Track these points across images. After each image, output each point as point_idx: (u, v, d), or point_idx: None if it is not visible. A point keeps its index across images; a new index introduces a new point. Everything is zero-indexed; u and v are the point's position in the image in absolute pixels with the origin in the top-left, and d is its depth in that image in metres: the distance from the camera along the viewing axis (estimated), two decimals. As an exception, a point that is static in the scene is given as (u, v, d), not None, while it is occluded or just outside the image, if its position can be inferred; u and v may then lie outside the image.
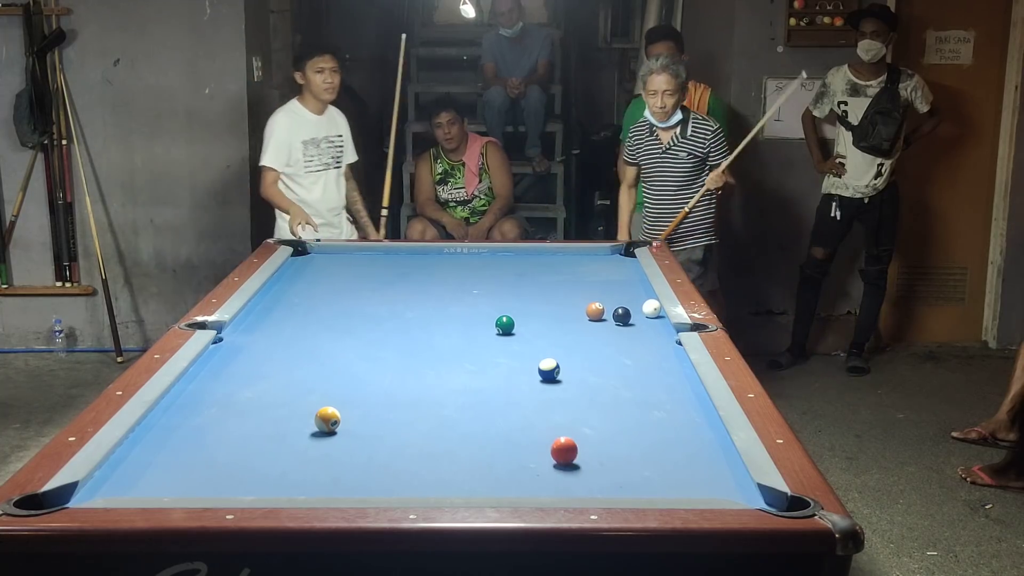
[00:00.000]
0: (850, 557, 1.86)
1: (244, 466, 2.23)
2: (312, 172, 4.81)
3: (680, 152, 4.67)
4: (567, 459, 2.21)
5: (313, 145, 4.78)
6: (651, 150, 4.76)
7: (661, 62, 4.56)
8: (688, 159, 4.67)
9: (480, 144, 5.86)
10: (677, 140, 4.67)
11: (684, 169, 4.70)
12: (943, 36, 5.80)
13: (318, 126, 4.80)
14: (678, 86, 4.54)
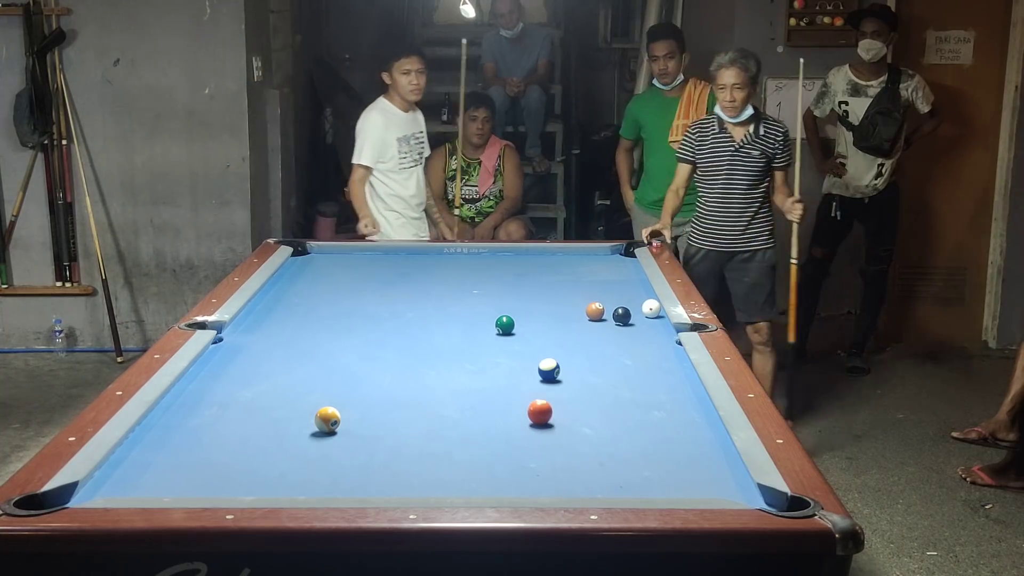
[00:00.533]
0: (850, 557, 1.87)
1: (244, 466, 2.23)
2: (406, 168, 4.86)
3: (753, 151, 4.45)
4: (542, 420, 2.42)
5: (405, 142, 4.83)
6: (720, 148, 4.49)
7: (730, 56, 4.39)
8: (760, 159, 4.46)
9: (499, 146, 5.88)
10: (750, 138, 4.45)
11: (755, 170, 4.47)
12: (943, 36, 5.80)
13: (408, 123, 4.87)
14: (747, 80, 4.36)
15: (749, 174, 4.47)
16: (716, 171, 4.50)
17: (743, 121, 4.45)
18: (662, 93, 5.26)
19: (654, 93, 5.34)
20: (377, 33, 7.64)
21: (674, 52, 5.16)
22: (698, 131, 4.57)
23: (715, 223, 4.56)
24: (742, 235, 4.54)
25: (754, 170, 4.46)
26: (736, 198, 4.49)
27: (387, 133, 4.78)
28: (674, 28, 5.61)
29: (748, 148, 4.45)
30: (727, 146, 4.46)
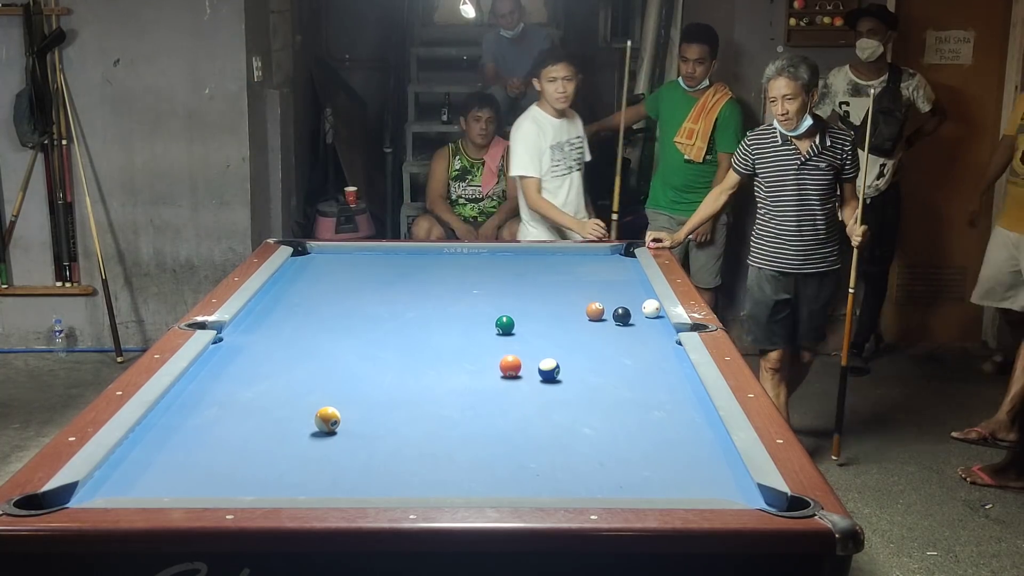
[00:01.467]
0: (850, 557, 1.87)
1: (244, 466, 2.23)
2: (558, 176, 4.76)
3: (820, 163, 4.14)
4: (514, 371, 2.76)
5: (558, 149, 4.74)
6: (784, 163, 4.18)
7: (777, 65, 4.08)
8: (828, 172, 4.16)
9: (503, 146, 5.87)
10: (817, 150, 4.14)
11: (824, 184, 4.17)
12: (943, 36, 5.80)
13: (561, 129, 4.76)
14: (800, 89, 4.01)
15: (819, 189, 4.16)
16: (782, 188, 4.18)
17: (806, 132, 4.12)
18: (684, 92, 5.27)
19: (678, 89, 5.36)
20: (377, 33, 7.65)
21: (705, 57, 5.17)
22: (756, 143, 4.22)
23: (785, 244, 4.24)
24: (813, 254, 4.24)
25: (823, 184, 4.16)
26: (806, 216, 4.19)
27: (540, 141, 4.69)
28: (710, 32, 5.38)
29: (815, 161, 4.13)
30: (791, 161, 4.14)
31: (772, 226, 4.26)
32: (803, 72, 4.01)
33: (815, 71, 4.08)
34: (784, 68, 4.04)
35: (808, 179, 4.15)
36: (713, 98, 5.21)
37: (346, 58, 7.68)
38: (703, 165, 5.27)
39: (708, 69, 5.20)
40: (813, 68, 4.07)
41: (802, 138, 4.13)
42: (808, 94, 4.06)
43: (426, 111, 7.05)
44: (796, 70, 4.02)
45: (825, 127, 4.19)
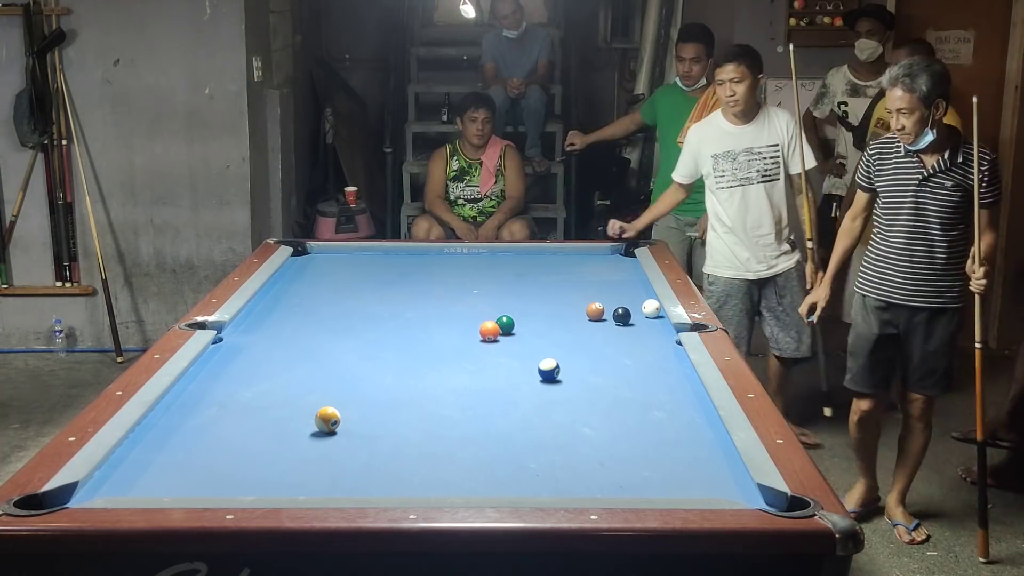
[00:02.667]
0: (850, 557, 1.87)
1: (244, 466, 2.23)
2: (724, 188, 4.37)
3: (945, 181, 3.59)
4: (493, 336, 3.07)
5: (727, 159, 4.34)
6: (904, 176, 3.66)
7: (892, 74, 3.58)
8: (954, 192, 3.59)
9: (500, 146, 5.88)
10: (944, 166, 3.59)
11: (948, 206, 3.60)
12: (943, 36, 5.80)
13: (737, 138, 4.34)
14: (917, 102, 3.50)
15: (941, 211, 3.60)
16: (898, 205, 3.66)
17: (932, 146, 3.59)
18: (683, 93, 5.26)
19: (676, 90, 5.34)
20: (377, 33, 7.64)
21: (701, 56, 5.16)
22: (878, 152, 3.74)
23: (893, 270, 3.72)
24: (926, 286, 3.68)
25: (946, 206, 3.58)
26: (920, 240, 3.64)
27: (701, 147, 4.42)
28: (706, 31, 5.41)
29: (939, 179, 3.59)
30: (913, 175, 3.62)
31: (882, 248, 3.74)
32: (922, 83, 3.48)
33: (939, 79, 3.52)
34: (899, 78, 3.53)
35: (929, 198, 3.60)
36: (713, 96, 5.21)
37: (346, 58, 7.68)
38: None
39: (705, 68, 5.18)
40: (937, 76, 3.52)
41: (928, 151, 3.60)
42: (930, 106, 3.50)
43: (426, 111, 7.05)
44: (914, 81, 3.50)
45: (960, 141, 3.62)
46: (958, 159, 3.58)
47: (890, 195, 3.68)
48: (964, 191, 3.57)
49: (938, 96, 3.51)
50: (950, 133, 3.63)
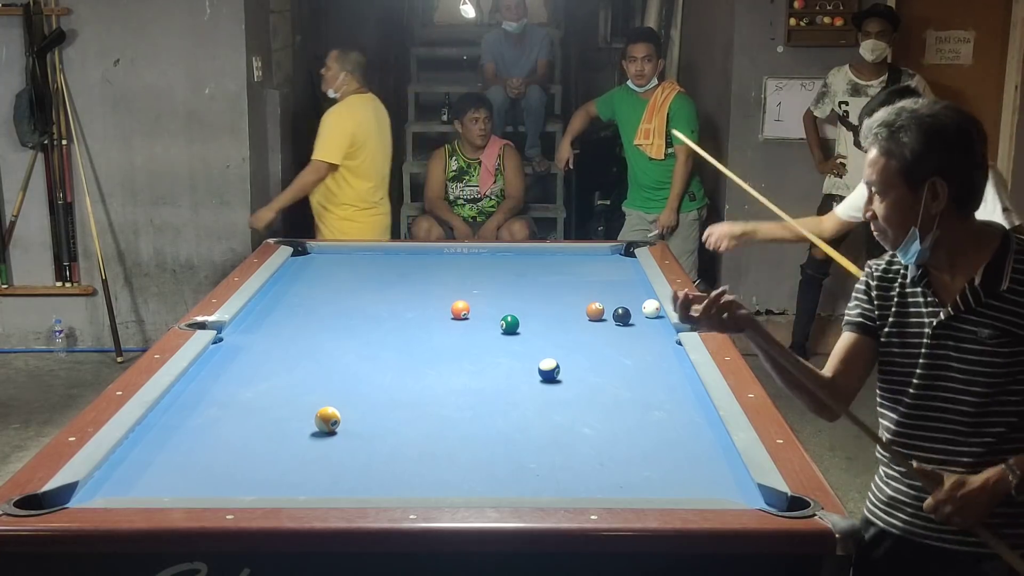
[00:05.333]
0: (850, 557, 1.87)
1: (244, 466, 2.23)
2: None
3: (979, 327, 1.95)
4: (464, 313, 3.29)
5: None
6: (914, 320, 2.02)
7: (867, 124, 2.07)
8: (998, 346, 1.96)
9: (499, 146, 5.89)
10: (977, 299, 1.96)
11: (990, 368, 1.92)
12: (943, 36, 5.80)
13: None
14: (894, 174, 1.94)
15: (976, 377, 1.97)
16: (904, 367, 2.06)
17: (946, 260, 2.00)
18: (636, 94, 5.39)
19: (628, 92, 5.45)
20: (377, 33, 7.64)
21: (652, 55, 5.32)
22: (880, 276, 2.11)
23: (903, 489, 2.09)
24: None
25: (987, 368, 1.96)
26: (945, 431, 2.01)
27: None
28: (652, 32, 5.73)
29: (969, 322, 1.97)
30: (926, 318, 2.02)
31: (895, 441, 2.11)
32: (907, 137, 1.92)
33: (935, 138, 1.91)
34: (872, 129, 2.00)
35: (953, 356, 1.99)
36: (662, 95, 5.35)
37: (346, 58, 7.67)
38: (667, 161, 5.38)
39: (656, 67, 5.35)
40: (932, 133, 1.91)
41: (943, 268, 2.00)
42: (917, 186, 1.92)
43: (426, 111, 7.05)
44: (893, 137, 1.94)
45: (1010, 249, 1.96)
46: (1002, 284, 1.93)
47: (892, 353, 2.07)
48: (1013, 336, 1.93)
49: (933, 170, 1.91)
50: (982, 232, 1.99)
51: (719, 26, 5.98)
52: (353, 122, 4.99)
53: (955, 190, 1.91)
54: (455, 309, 3.33)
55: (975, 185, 1.95)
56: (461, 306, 3.34)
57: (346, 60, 5.05)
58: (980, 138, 1.94)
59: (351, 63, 5.05)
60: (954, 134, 1.91)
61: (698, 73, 6.35)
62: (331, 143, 4.96)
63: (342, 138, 4.98)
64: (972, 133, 1.93)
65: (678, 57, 6.55)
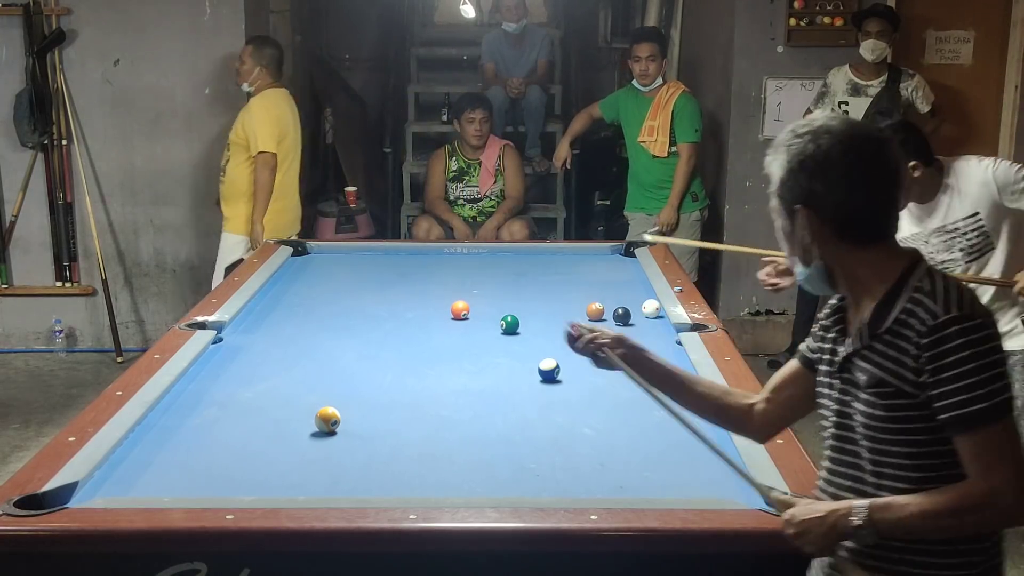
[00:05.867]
0: (850, 557, 1.86)
1: (244, 466, 2.23)
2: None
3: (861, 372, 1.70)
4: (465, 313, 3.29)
5: (916, 243, 3.34)
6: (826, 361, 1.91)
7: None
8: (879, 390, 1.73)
9: (499, 146, 5.88)
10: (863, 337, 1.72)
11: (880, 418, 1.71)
12: (943, 36, 5.79)
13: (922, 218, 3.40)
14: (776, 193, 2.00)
15: (867, 429, 1.76)
16: (824, 405, 1.88)
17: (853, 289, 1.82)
18: (641, 94, 5.41)
19: (633, 92, 5.46)
20: (377, 33, 7.64)
21: (656, 55, 5.33)
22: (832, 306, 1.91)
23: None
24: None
25: (868, 421, 1.75)
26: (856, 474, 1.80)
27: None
28: (657, 32, 5.71)
29: (858, 365, 1.77)
30: (837, 355, 1.84)
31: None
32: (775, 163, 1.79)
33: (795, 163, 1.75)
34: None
35: (848, 398, 1.80)
36: (667, 93, 5.37)
37: (346, 58, 7.68)
38: (669, 159, 5.38)
39: (660, 67, 5.37)
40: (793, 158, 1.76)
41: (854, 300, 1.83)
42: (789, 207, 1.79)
43: (426, 111, 7.04)
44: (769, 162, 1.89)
45: (906, 286, 1.73)
46: (889, 315, 1.73)
47: (820, 391, 1.88)
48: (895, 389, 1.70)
49: (796, 198, 1.76)
50: (889, 263, 1.77)
51: (719, 26, 5.98)
52: (277, 111, 4.95)
53: (829, 218, 1.73)
54: (455, 309, 3.33)
55: (860, 213, 1.73)
56: (461, 306, 3.34)
57: (261, 54, 4.97)
58: (871, 163, 1.72)
59: (266, 57, 4.98)
60: (820, 160, 1.72)
61: (698, 73, 6.35)
62: (268, 133, 4.86)
63: (274, 127, 4.91)
64: (853, 158, 1.72)
65: (678, 57, 6.55)
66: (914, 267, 1.75)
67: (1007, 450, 1.64)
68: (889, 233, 1.77)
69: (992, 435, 1.63)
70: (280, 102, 4.99)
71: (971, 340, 1.63)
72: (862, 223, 1.74)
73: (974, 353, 1.63)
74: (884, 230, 1.77)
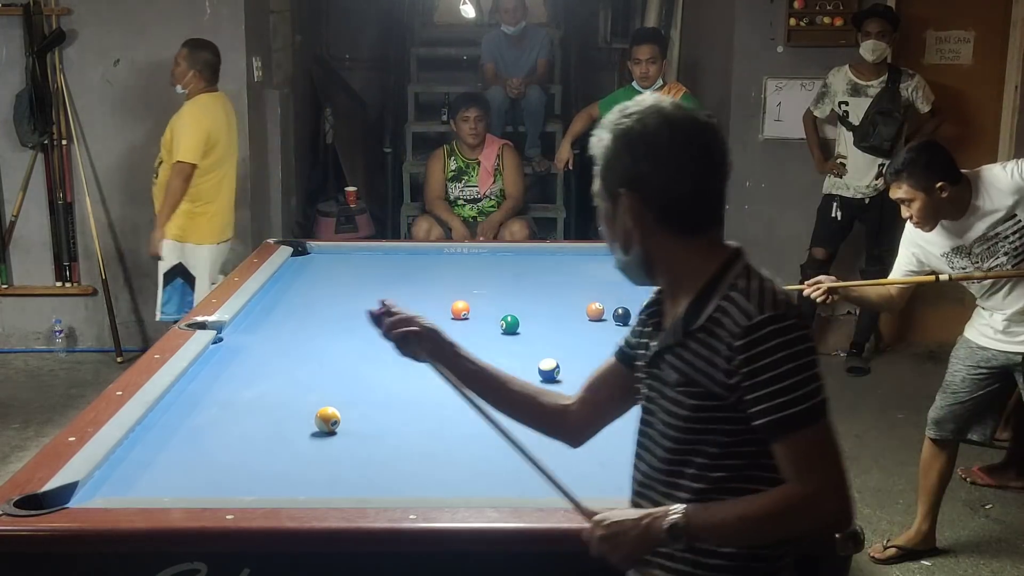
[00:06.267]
0: (850, 557, 1.87)
1: (244, 466, 2.23)
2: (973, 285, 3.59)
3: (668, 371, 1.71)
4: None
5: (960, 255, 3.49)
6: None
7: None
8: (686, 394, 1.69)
9: (498, 145, 5.88)
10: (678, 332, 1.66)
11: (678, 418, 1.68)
12: (943, 36, 5.79)
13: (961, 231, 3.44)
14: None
15: (668, 428, 1.71)
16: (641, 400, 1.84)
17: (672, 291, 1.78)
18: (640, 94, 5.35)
19: (634, 92, 5.43)
20: (377, 33, 7.64)
21: (656, 57, 5.35)
22: (652, 299, 1.93)
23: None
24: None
25: (673, 420, 1.69)
26: (651, 475, 1.78)
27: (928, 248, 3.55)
28: (658, 33, 5.71)
29: (669, 361, 1.70)
30: (649, 349, 1.78)
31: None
32: (600, 144, 1.73)
33: (620, 143, 1.70)
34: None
35: (655, 394, 1.74)
36: (668, 94, 5.30)
37: (346, 58, 7.68)
38: None
39: (660, 69, 5.38)
40: (619, 139, 1.69)
41: (674, 301, 1.77)
42: (611, 198, 1.77)
43: (426, 111, 7.05)
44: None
45: (722, 281, 1.69)
46: (703, 312, 1.66)
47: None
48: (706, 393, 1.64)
49: (619, 181, 1.70)
50: (710, 256, 1.72)
51: (719, 26, 5.98)
52: (208, 119, 4.89)
53: (653, 205, 1.66)
54: (455, 309, 3.34)
55: (684, 201, 1.65)
56: (461, 306, 3.35)
57: (195, 58, 4.93)
58: (699, 149, 1.65)
59: (200, 61, 4.93)
60: (646, 143, 1.65)
61: (698, 73, 6.35)
62: (191, 143, 4.82)
63: (200, 136, 4.87)
64: (681, 142, 1.64)
65: (678, 57, 6.55)
66: (732, 263, 1.69)
67: (825, 453, 1.57)
68: (712, 225, 1.70)
69: (810, 438, 1.56)
70: (214, 109, 4.92)
71: (786, 341, 1.56)
72: (685, 212, 1.66)
73: (789, 354, 1.55)
74: (707, 221, 1.69)
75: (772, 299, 1.62)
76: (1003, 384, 3.61)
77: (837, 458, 1.59)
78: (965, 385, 3.60)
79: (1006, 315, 3.49)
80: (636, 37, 5.61)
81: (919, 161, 3.31)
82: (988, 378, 3.57)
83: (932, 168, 3.27)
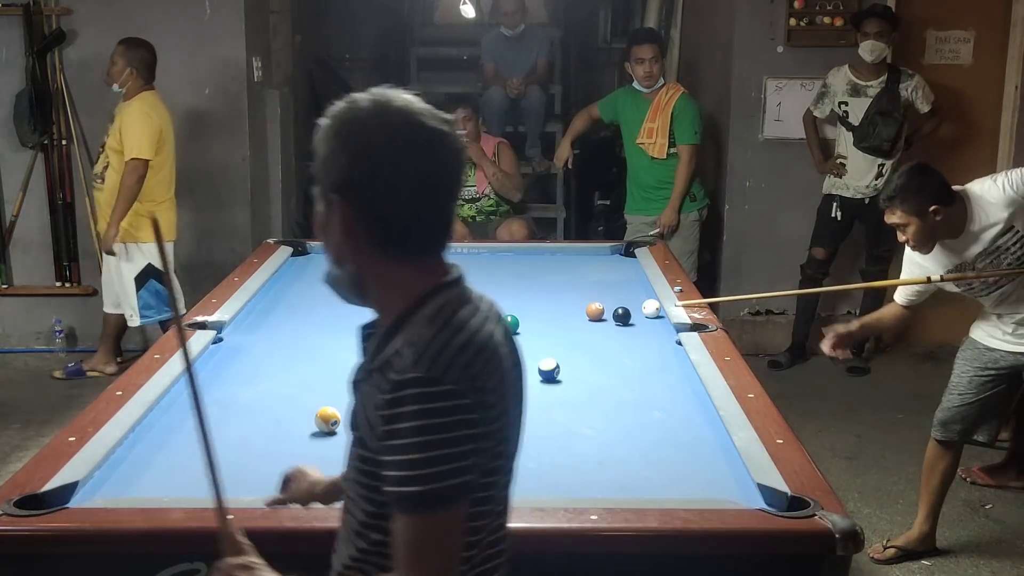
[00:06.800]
0: (850, 557, 1.87)
1: (244, 466, 2.23)
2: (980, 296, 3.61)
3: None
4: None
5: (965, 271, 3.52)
6: None
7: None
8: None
9: (493, 143, 5.87)
10: None
11: None
12: (943, 36, 5.79)
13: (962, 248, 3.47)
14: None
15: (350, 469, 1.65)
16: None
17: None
18: (640, 95, 5.45)
19: (633, 92, 5.48)
20: (377, 33, 7.65)
21: (657, 56, 5.37)
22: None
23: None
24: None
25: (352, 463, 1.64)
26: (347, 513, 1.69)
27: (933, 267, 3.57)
28: (657, 33, 5.77)
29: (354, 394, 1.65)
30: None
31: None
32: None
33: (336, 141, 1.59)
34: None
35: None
36: (667, 95, 5.40)
37: (346, 58, 7.68)
38: (668, 160, 5.40)
39: (662, 68, 5.42)
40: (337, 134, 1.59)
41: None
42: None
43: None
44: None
45: (416, 315, 1.56)
46: (383, 351, 1.54)
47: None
48: None
49: (332, 184, 1.55)
50: (415, 284, 1.59)
51: (719, 26, 5.98)
52: (157, 116, 4.90)
53: (364, 218, 1.43)
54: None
55: (401, 220, 1.45)
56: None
57: (131, 56, 4.93)
58: (423, 158, 1.43)
59: (136, 59, 4.92)
60: (365, 144, 1.45)
61: (698, 73, 6.35)
62: (144, 140, 4.82)
63: (152, 132, 4.86)
64: (403, 148, 1.42)
65: (678, 57, 6.55)
66: (431, 297, 1.49)
67: (433, 549, 1.35)
68: (432, 250, 1.52)
69: (421, 527, 1.34)
70: (160, 106, 4.93)
71: (428, 409, 1.33)
72: (401, 232, 1.46)
73: (427, 425, 1.33)
74: (426, 245, 1.51)
75: (435, 355, 1.37)
76: (1010, 385, 3.63)
77: (445, 562, 1.36)
78: (972, 387, 3.60)
79: (1016, 319, 3.52)
80: (635, 37, 5.63)
81: (911, 186, 3.31)
82: (995, 379, 3.58)
83: (924, 192, 3.28)
